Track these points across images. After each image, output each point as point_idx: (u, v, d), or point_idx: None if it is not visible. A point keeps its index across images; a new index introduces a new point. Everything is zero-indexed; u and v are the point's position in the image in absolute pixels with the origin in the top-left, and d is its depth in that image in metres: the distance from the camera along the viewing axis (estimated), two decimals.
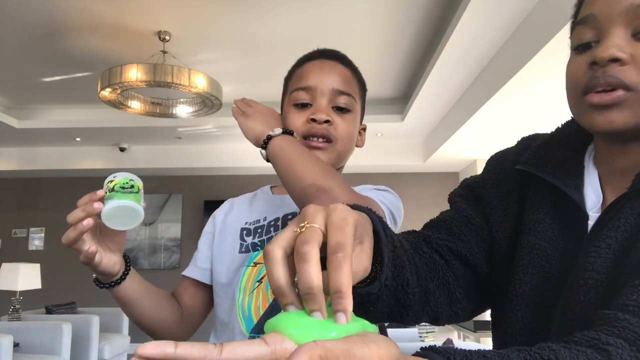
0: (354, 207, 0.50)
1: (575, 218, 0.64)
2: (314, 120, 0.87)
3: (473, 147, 5.28)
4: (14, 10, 3.24)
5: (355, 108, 0.92)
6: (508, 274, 0.70)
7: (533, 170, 0.69)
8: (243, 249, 0.92)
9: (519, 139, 0.79)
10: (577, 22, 0.62)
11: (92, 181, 7.96)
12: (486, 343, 4.04)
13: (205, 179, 6.71)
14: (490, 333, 0.78)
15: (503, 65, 3.48)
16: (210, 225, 1.02)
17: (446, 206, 0.82)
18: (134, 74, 3.27)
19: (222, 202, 1.04)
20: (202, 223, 6.59)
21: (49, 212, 6.78)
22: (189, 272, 1.00)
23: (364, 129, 1.00)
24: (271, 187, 1.05)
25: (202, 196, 6.70)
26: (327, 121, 0.87)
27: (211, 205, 6.51)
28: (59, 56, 3.95)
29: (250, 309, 0.86)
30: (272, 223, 0.93)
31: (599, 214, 0.62)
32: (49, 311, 4.76)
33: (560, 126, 0.74)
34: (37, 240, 6.75)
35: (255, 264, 0.89)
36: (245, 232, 0.95)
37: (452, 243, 0.71)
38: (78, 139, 5.89)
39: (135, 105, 3.93)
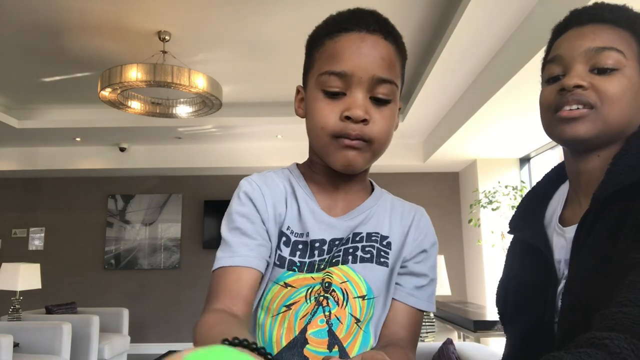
0: None
1: (542, 257, 0.81)
2: (348, 118, 0.72)
3: (473, 147, 5.27)
4: (14, 10, 3.24)
5: (396, 95, 0.77)
6: None
7: (510, 232, 0.91)
8: (277, 261, 0.76)
9: None
10: (548, 61, 0.83)
11: (92, 181, 7.92)
12: (486, 343, 4.03)
13: (205, 179, 6.71)
14: (490, 333, 0.89)
15: (503, 65, 3.48)
16: (252, 209, 0.79)
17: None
18: (134, 74, 3.27)
19: (222, 202, 0.82)
20: (202, 223, 6.59)
21: (49, 212, 6.78)
22: (247, 261, 0.73)
23: (400, 109, 0.83)
24: (299, 167, 0.87)
25: (202, 196, 6.69)
26: (363, 120, 0.73)
27: (211, 205, 6.48)
28: (59, 56, 3.95)
29: (272, 335, 0.76)
30: (317, 245, 0.78)
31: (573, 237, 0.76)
32: (49, 311, 4.76)
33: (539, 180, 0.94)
34: (37, 240, 6.75)
35: (286, 285, 0.75)
36: (284, 239, 0.78)
37: None
38: (78, 139, 5.89)
39: (135, 105, 3.93)
